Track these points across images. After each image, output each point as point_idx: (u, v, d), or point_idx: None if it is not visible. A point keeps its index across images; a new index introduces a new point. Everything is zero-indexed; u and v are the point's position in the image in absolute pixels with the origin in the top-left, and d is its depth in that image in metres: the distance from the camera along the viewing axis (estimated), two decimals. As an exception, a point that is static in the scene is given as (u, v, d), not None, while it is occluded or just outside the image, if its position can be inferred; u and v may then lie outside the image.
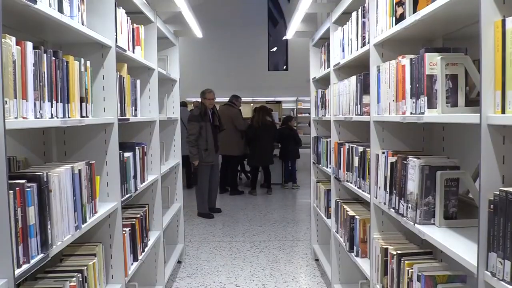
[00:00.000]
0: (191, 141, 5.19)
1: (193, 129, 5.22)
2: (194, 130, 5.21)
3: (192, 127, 5.22)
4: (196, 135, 5.20)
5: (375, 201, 2.12)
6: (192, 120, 5.26)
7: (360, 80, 2.38)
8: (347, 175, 2.67)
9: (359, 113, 2.39)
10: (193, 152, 5.21)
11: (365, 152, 2.31)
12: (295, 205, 6.30)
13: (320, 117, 3.58)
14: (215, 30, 13.28)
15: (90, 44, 2.01)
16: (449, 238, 1.45)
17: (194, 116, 5.28)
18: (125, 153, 2.27)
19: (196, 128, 5.21)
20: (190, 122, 5.25)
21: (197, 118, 5.24)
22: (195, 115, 5.28)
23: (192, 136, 5.20)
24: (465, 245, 1.37)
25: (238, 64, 13.87)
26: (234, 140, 6.46)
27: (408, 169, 1.70)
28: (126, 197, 2.24)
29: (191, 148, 5.20)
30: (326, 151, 3.36)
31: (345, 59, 2.73)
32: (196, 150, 5.21)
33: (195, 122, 5.22)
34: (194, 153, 5.20)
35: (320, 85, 3.79)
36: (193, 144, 5.20)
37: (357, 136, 2.97)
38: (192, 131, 5.22)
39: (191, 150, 5.20)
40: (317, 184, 3.70)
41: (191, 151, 5.20)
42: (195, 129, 5.21)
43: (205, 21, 8.00)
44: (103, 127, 2.09)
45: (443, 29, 1.83)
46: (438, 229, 1.56)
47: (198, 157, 5.21)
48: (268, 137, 6.67)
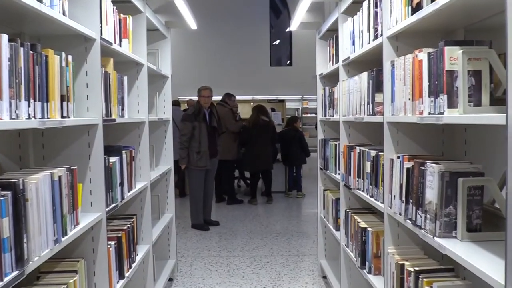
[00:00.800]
0: (182, 142, 5.22)
1: (185, 129, 5.23)
2: (186, 131, 5.23)
3: (184, 127, 5.25)
4: (188, 136, 5.21)
5: (389, 212, 2.11)
6: (185, 119, 5.28)
7: (372, 77, 2.38)
8: (358, 182, 2.67)
9: (371, 113, 2.39)
10: (181, 154, 5.24)
11: (378, 156, 2.31)
12: (300, 215, 6.29)
13: (327, 118, 3.58)
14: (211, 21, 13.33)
15: (72, 36, 2.01)
16: (473, 253, 1.45)
17: (187, 116, 5.31)
18: (110, 157, 2.27)
19: (189, 128, 5.22)
20: (182, 122, 5.29)
21: (190, 117, 5.26)
22: (189, 114, 5.31)
23: (184, 137, 5.21)
24: (491, 261, 1.36)
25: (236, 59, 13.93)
26: (226, 143, 6.48)
27: (426, 176, 1.70)
28: (111, 206, 2.23)
29: (181, 150, 5.23)
30: (334, 155, 3.36)
31: (355, 53, 2.73)
32: (185, 153, 5.23)
33: (188, 122, 5.24)
34: (183, 156, 5.23)
35: (328, 82, 3.80)
36: (184, 146, 5.22)
37: (369, 139, 2.98)
38: (184, 132, 5.24)
39: (180, 152, 5.23)
40: (324, 192, 3.70)
41: (180, 153, 5.22)
42: (187, 130, 5.22)
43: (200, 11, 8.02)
44: (86, 128, 2.09)
45: (464, 20, 1.83)
46: (461, 243, 1.56)
47: (186, 160, 5.22)
48: (264, 138, 6.66)
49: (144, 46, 3.02)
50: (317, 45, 3.92)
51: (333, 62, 3.45)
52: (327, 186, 3.79)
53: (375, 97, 2.33)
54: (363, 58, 2.69)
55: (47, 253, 1.58)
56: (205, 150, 5.28)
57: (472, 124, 1.72)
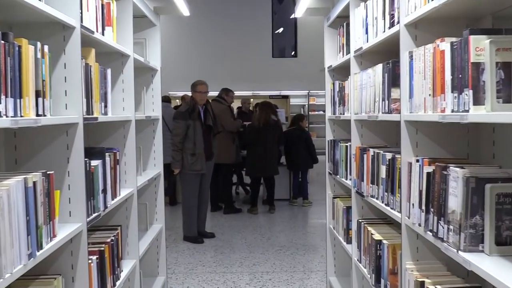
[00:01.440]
0: (176, 144, 5.18)
1: (178, 128, 5.20)
2: (179, 130, 5.19)
3: (177, 126, 5.21)
4: (182, 136, 5.17)
5: (407, 222, 2.11)
6: (178, 117, 5.25)
7: (388, 70, 2.38)
8: (371, 189, 2.67)
9: (387, 111, 2.39)
10: (175, 157, 5.19)
11: (395, 159, 2.31)
12: (306, 226, 6.29)
13: (337, 116, 3.58)
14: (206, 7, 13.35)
15: (49, 24, 2.01)
16: (503, 269, 1.44)
17: (180, 113, 5.27)
18: (92, 161, 2.27)
19: (182, 127, 5.19)
20: (175, 120, 5.25)
21: (184, 115, 5.23)
22: (182, 111, 5.28)
23: (177, 138, 5.17)
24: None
25: (234, 50, 13.95)
26: (223, 145, 6.46)
27: (449, 182, 1.69)
28: (93, 216, 2.23)
29: (174, 152, 5.19)
30: (345, 158, 3.35)
31: (369, 43, 2.73)
32: (179, 155, 5.19)
33: (181, 120, 5.20)
34: (177, 159, 5.18)
35: (338, 75, 3.80)
36: (177, 148, 5.18)
37: (384, 140, 2.98)
38: (177, 131, 5.20)
39: (174, 154, 5.18)
40: (334, 200, 3.70)
41: (173, 155, 5.18)
42: (180, 129, 5.19)
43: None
44: (64, 128, 2.09)
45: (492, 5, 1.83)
46: (489, 258, 1.56)
47: (180, 164, 5.20)
48: (273, 140, 6.67)
49: (130, 35, 3.02)
50: (326, 33, 3.92)
51: (344, 53, 3.45)
52: (337, 193, 3.78)
53: (391, 92, 2.32)
54: (377, 48, 2.68)
55: (20, 269, 1.57)
56: (201, 152, 5.25)
57: (501, 123, 1.72)
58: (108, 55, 2.87)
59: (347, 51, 3.32)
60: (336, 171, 3.61)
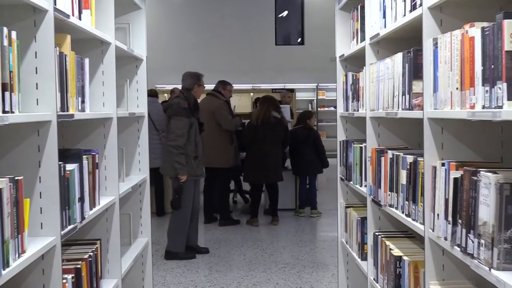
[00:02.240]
0: (180, 146, 5.03)
1: (182, 127, 5.05)
2: (183, 130, 5.05)
3: (180, 124, 5.07)
4: (186, 137, 5.12)
5: (431, 235, 2.11)
6: (180, 114, 5.09)
7: (408, 59, 2.38)
8: (390, 197, 2.67)
9: (408, 107, 2.39)
10: (181, 161, 5.04)
11: (417, 163, 2.31)
12: (314, 240, 6.29)
13: (350, 113, 3.58)
14: (199, -13, 13.42)
15: (17, 6, 2.01)
16: (541, 291, 1.44)
17: (183, 109, 5.11)
18: (67, 164, 2.26)
19: (186, 126, 5.06)
20: (176, 117, 5.10)
21: (187, 112, 5.10)
22: (184, 107, 5.12)
23: (182, 139, 5.02)
24: None
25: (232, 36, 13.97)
26: (220, 146, 6.43)
27: (479, 189, 1.69)
28: (68, 229, 2.23)
29: (179, 156, 5.02)
30: (359, 162, 3.35)
31: (387, 28, 2.72)
32: (184, 159, 5.09)
33: (185, 118, 5.07)
34: (184, 163, 5.08)
35: (351, 66, 3.80)
36: (182, 150, 5.06)
37: (405, 140, 2.98)
38: (181, 131, 5.04)
39: (179, 159, 5.03)
40: (346, 210, 3.70)
41: (179, 160, 5.03)
42: (185, 128, 5.06)
43: (185, -26, 8.07)
44: (35, 127, 2.09)
45: (530, -15, 1.83)
46: (525, 277, 1.55)
47: (186, 170, 5.14)
48: (275, 141, 6.66)
49: (111, 19, 3.02)
50: (337, 17, 3.92)
51: (358, 40, 3.44)
52: (350, 202, 3.78)
53: (413, 85, 2.32)
54: (397, 35, 2.68)
55: (-17, 290, 1.57)
56: (201, 154, 5.28)
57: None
58: (85, 42, 2.87)
59: (361, 38, 3.32)
60: (349, 177, 3.60)
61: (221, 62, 13.44)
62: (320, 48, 12.72)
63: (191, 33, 13.87)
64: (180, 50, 13.64)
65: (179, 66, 12.78)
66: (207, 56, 13.53)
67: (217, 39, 13.89)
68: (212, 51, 13.74)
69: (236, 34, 13.97)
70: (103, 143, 2.98)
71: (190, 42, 13.80)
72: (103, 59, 3.00)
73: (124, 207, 3.67)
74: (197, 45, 13.75)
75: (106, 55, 3.00)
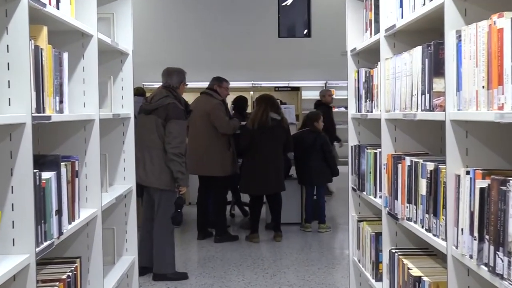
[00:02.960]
0: (183, 154, 5.05)
1: (183, 133, 5.14)
2: (184, 135, 5.18)
3: (182, 129, 5.09)
4: (185, 143, 5.20)
5: (455, 253, 2.11)
6: (180, 117, 5.15)
7: (428, 54, 2.38)
8: (408, 210, 2.67)
9: (428, 108, 2.39)
10: (184, 171, 5.12)
11: (438, 171, 2.31)
12: (323, 259, 6.27)
13: (363, 114, 3.58)
14: (192, -29, 13.43)
15: (-13, -6, 2.02)
16: None
17: (181, 111, 5.16)
18: (43, 172, 2.26)
19: (185, 130, 5.20)
20: (177, 121, 5.11)
21: (184, 114, 5.18)
22: (182, 109, 5.19)
23: (183, 146, 5.07)
24: None
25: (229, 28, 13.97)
26: (215, 152, 6.41)
27: (509, 200, 1.69)
28: (44, 245, 2.22)
29: (183, 164, 5.08)
30: (373, 169, 3.35)
31: (404, 19, 2.73)
32: (185, 169, 5.15)
33: (183, 121, 5.15)
34: (185, 172, 5.14)
35: (364, 61, 3.81)
36: (185, 159, 5.13)
37: (425, 145, 2.98)
38: (183, 137, 5.09)
39: (182, 168, 5.08)
40: (359, 224, 3.70)
41: (182, 170, 5.07)
42: (185, 134, 5.19)
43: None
44: (7, 130, 2.09)
45: None
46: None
47: (187, 180, 5.18)
48: (273, 145, 6.65)
49: (94, 9, 3.03)
50: (348, 6, 3.93)
51: (372, 32, 3.45)
52: (363, 215, 3.78)
53: (433, 83, 2.33)
54: (415, 26, 2.68)
55: None
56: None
57: None
58: (64, 34, 2.88)
59: (376, 30, 3.33)
60: (362, 187, 3.60)
61: (217, 56, 13.45)
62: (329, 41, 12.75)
63: (183, 24, 13.88)
64: (171, 43, 13.64)
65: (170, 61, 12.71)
66: (201, 50, 13.54)
67: (212, 31, 13.88)
68: (207, 44, 13.73)
69: (234, 25, 13.97)
70: (84, 149, 2.99)
71: (182, 34, 13.80)
72: (84, 54, 3.00)
73: (107, 220, 3.67)
74: (190, 38, 13.75)
75: (87, 49, 3.01)
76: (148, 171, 5.14)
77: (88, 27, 2.94)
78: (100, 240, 3.04)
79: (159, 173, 5.12)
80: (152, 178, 5.13)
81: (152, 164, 5.12)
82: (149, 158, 5.13)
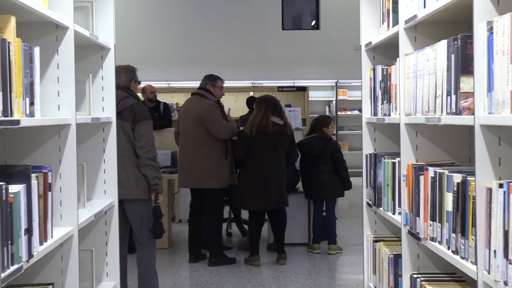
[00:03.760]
0: (156, 158, 5.20)
1: (152, 135, 5.25)
2: (154, 139, 5.29)
3: (151, 131, 5.22)
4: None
5: (487, 279, 2.10)
6: (148, 118, 5.21)
7: (455, 48, 2.38)
8: (432, 229, 2.66)
9: (454, 111, 2.39)
10: (159, 176, 5.23)
11: (466, 184, 2.30)
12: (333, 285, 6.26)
13: (380, 118, 3.58)
14: (183, -46, 13.48)
15: None
16: None
17: (147, 112, 5.27)
18: (10, 185, 2.25)
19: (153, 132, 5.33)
20: (148, 123, 5.20)
21: (150, 115, 5.34)
22: (147, 109, 5.36)
23: (155, 149, 5.24)
24: None
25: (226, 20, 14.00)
26: (210, 161, 6.42)
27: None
28: (11, 270, 2.22)
29: (158, 169, 5.21)
30: (391, 182, 3.35)
31: (427, 9, 2.73)
32: (160, 174, 5.29)
33: (151, 122, 5.29)
34: (161, 178, 5.25)
35: (381, 57, 3.82)
36: (158, 163, 5.27)
37: (450, 154, 2.99)
38: (153, 140, 5.22)
39: (158, 173, 5.20)
40: (375, 245, 3.70)
41: (159, 176, 5.20)
42: (153, 136, 5.30)
43: None
44: (-31, 136, 2.09)
45: None
46: None
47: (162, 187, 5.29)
48: (277, 155, 6.64)
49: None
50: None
51: (390, 23, 3.46)
52: (380, 235, 3.79)
53: (461, 83, 2.33)
54: (439, 17, 2.69)
55: None
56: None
57: None
58: (35, 26, 2.88)
59: (394, 21, 3.33)
60: (378, 202, 3.60)
61: (211, 52, 13.45)
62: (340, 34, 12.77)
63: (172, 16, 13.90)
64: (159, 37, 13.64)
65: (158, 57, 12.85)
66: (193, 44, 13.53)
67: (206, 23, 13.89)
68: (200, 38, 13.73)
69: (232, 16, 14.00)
70: (58, 158, 2.98)
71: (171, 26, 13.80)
72: (58, 48, 3.00)
73: (84, 241, 3.67)
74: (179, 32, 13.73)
75: (62, 42, 3.00)
76: (122, 182, 4.97)
77: (63, 18, 2.94)
78: (76, 263, 3.03)
79: (135, 182, 5.12)
80: (128, 189, 5.06)
81: (126, 173, 5.05)
82: (121, 167, 4.95)
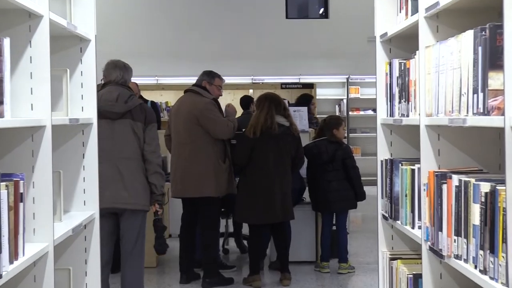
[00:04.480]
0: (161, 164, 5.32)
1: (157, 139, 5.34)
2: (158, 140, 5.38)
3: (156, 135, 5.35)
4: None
5: (519, 302, 2.09)
6: (155, 120, 5.39)
7: (482, 40, 2.38)
8: (456, 245, 2.66)
9: (482, 111, 2.39)
10: (165, 185, 5.36)
11: (496, 194, 2.30)
12: (345, 309, 6.27)
13: (397, 119, 3.59)
14: None
15: None
16: None
17: (154, 114, 5.44)
18: (-24, 196, 2.26)
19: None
20: (154, 125, 5.28)
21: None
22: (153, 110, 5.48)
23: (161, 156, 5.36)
24: None
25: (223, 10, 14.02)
26: (206, 166, 6.46)
27: None
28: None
29: (164, 177, 5.33)
30: (410, 191, 3.35)
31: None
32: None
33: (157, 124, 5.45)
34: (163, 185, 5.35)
35: (398, 50, 3.83)
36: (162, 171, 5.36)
37: (477, 160, 2.99)
38: (158, 143, 5.33)
39: (164, 181, 5.32)
40: (392, 263, 3.70)
41: (164, 184, 5.32)
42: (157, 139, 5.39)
43: None
44: None
45: None
46: None
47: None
48: (280, 159, 6.64)
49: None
50: (377, -21, 3.95)
51: (408, 12, 3.46)
52: (397, 252, 3.79)
53: (489, 79, 2.32)
54: (465, 4, 2.69)
55: None
56: None
57: None
58: (5, 14, 2.89)
59: (413, 9, 3.33)
60: (396, 214, 3.59)
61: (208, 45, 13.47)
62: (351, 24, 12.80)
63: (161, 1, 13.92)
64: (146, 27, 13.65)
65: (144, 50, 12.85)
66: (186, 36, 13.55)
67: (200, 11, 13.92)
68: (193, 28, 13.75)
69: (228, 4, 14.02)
70: (31, 164, 2.99)
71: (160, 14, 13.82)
72: (31, 40, 3.01)
73: (61, 259, 3.67)
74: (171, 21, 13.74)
75: (35, 33, 3.01)
76: (130, 189, 5.10)
77: (36, 5, 2.94)
78: (51, 284, 3.03)
79: (143, 190, 5.16)
80: (135, 198, 5.12)
81: (134, 180, 5.11)
82: (129, 173, 5.10)
